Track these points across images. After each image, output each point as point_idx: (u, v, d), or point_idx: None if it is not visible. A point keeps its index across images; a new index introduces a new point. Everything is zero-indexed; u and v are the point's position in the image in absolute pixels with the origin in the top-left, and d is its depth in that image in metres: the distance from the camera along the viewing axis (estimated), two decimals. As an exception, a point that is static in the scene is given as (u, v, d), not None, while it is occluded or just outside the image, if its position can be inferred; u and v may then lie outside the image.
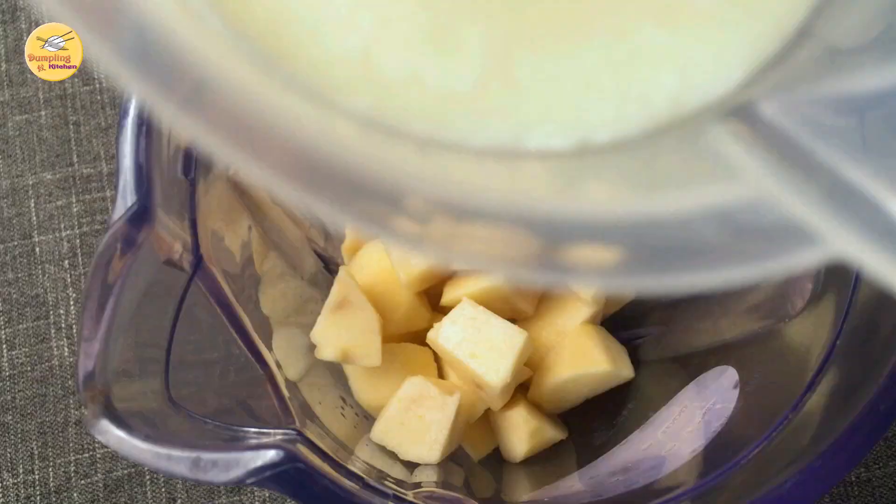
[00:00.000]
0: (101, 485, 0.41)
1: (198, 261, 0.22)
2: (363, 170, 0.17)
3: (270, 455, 0.19)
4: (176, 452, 0.18)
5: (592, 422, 0.37)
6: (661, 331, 0.38)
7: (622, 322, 0.39)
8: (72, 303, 0.43)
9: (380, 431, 0.34)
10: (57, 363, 0.43)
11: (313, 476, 0.19)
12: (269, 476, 0.19)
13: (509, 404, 0.36)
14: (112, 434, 0.19)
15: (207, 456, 0.18)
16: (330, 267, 0.40)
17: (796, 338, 0.26)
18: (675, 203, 0.17)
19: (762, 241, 0.16)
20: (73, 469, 0.41)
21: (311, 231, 0.38)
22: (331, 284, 0.35)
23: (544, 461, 0.36)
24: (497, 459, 0.37)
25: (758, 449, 0.22)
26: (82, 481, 0.41)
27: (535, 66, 0.19)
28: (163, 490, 0.41)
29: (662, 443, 0.29)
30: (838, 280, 0.24)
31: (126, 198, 0.20)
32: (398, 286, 0.37)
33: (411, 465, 0.33)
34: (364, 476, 0.22)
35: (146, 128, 0.20)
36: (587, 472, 0.32)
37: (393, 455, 0.34)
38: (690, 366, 0.33)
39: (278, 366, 0.28)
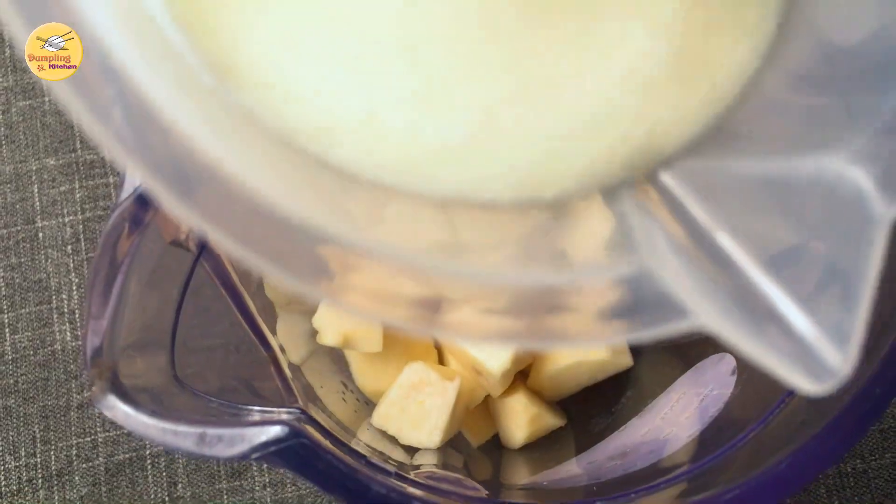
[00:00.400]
0: (102, 468, 0.41)
1: (203, 242, 0.22)
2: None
3: (275, 431, 0.19)
4: (182, 428, 0.19)
5: (591, 409, 0.38)
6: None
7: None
8: (74, 288, 0.44)
9: (380, 416, 0.34)
10: (59, 347, 0.43)
11: (317, 452, 0.19)
12: (273, 451, 0.19)
13: (509, 391, 0.37)
14: (119, 409, 0.19)
15: (213, 431, 0.19)
16: (332, 253, 0.40)
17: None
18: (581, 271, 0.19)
19: (647, 311, 0.18)
20: (74, 453, 0.41)
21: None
22: (333, 271, 0.36)
23: (543, 448, 0.36)
24: (496, 446, 0.38)
25: (754, 432, 0.22)
26: (84, 465, 0.41)
27: (517, 121, 0.21)
28: (164, 474, 0.41)
29: (661, 428, 0.30)
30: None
31: (133, 178, 0.20)
32: (400, 273, 0.37)
33: (412, 450, 0.34)
34: (366, 455, 0.22)
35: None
36: (585, 458, 0.32)
37: (393, 440, 0.34)
38: (689, 354, 0.33)
39: (282, 350, 0.28)
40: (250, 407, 0.21)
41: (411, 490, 0.20)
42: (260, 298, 0.29)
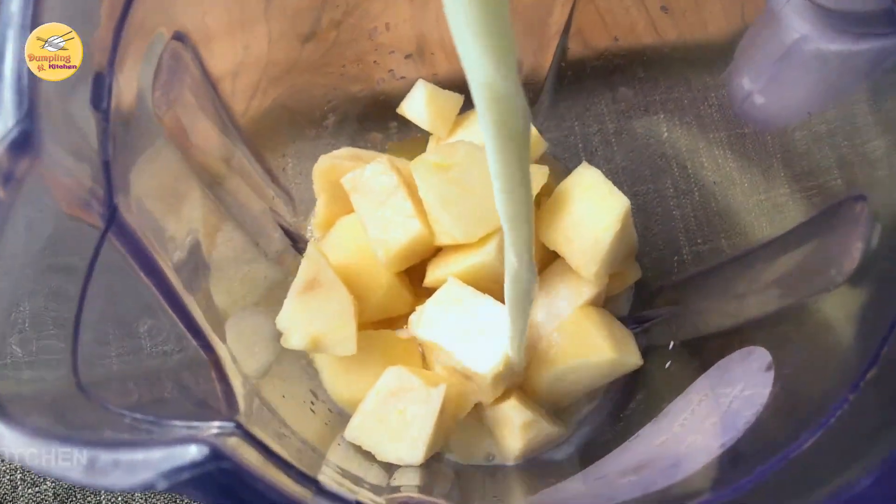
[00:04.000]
0: (50, 493, 0.39)
1: (112, 213, 0.17)
2: None
3: (190, 452, 0.15)
4: (66, 450, 0.14)
5: (596, 415, 0.35)
6: (673, 312, 0.36)
7: (628, 304, 0.37)
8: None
9: (355, 429, 0.32)
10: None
11: (243, 478, 0.15)
12: (186, 480, 0.15)
13: (502, 397, 0.34)
14: (-16, 426, 0.15)
15: (107, 456, 0.14)
16: (299, 245, 0.37)
17: (842, 311, 0.22)
18: None
19: None
20: (19, 477, 0.39)
21: (275, 202, 0.35)
22: (299, 264, 0.33)
23: (542, 461, 0.34)
24: (489, 462, 0.35)
25: (806, 443, 0.17)
26: (30, 490, 0.39)
27: None
28: (118, 498, 0.38)
29: (680, 437, 0.26)
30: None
31: (6, 119, 0.16)
32: (376, 266, 0.35)
33: (391, 468, 0.31)
34: (321, 481, 0.18)
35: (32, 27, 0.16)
36: (593, 473, 0.29)
37: (370, 456, 0.31)
38: (709, 349, 0.30)
39: (233, 359, 0.24)
40: (173, 422, 0.17)
41: (372, 525, 0.16)
42: (204, 300, 0.25)
